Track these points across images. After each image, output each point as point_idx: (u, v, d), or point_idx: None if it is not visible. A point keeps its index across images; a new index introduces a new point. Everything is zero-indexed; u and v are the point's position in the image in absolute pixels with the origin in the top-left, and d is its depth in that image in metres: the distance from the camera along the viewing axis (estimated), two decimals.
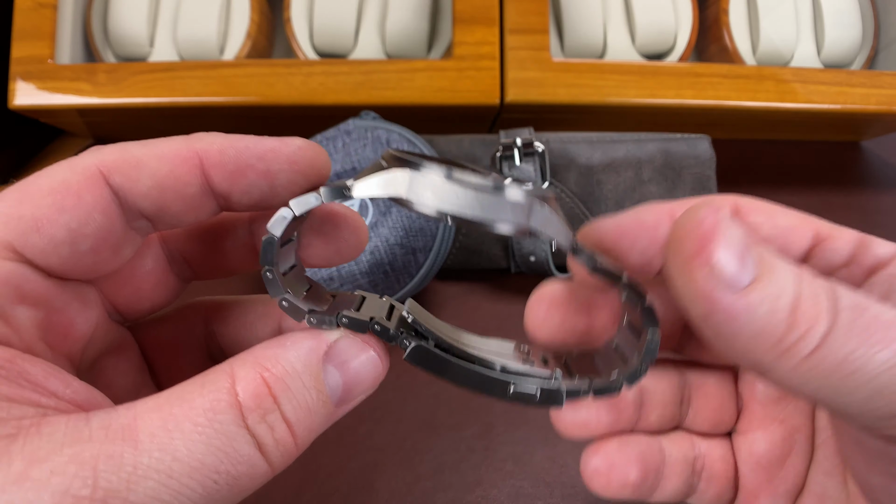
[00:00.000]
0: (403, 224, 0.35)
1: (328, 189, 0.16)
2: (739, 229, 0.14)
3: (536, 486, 0.32)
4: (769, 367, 0.14)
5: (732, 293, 0.14)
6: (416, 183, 0.15)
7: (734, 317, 0.14)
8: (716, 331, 0.14)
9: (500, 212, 0.15)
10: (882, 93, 0.46)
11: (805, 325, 0.14)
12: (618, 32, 0.50)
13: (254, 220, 0.20)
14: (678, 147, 0.41)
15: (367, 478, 0.31)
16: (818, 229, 0.18)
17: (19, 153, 0.54)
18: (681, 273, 0.15)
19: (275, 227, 0.16)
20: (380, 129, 0.38)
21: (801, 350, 0.14)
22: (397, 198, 0.15)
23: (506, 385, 0.17)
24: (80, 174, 0.16)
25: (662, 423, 0.21)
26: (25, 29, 0.44)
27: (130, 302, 0.19)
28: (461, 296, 0.42)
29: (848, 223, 0.19)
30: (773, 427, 0.21)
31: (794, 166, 0.54)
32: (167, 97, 0.44)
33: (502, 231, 0.15)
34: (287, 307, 0.17)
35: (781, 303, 0.14)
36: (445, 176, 0.15)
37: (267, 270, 0.16)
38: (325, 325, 0.17)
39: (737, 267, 0.14)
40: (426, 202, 0.15)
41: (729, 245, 0.14)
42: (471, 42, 0.45)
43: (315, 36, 0.49)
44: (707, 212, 0.14)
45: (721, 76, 0.45)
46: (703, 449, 0.21)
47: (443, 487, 0.31)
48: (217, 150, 0.17)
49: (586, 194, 0.41)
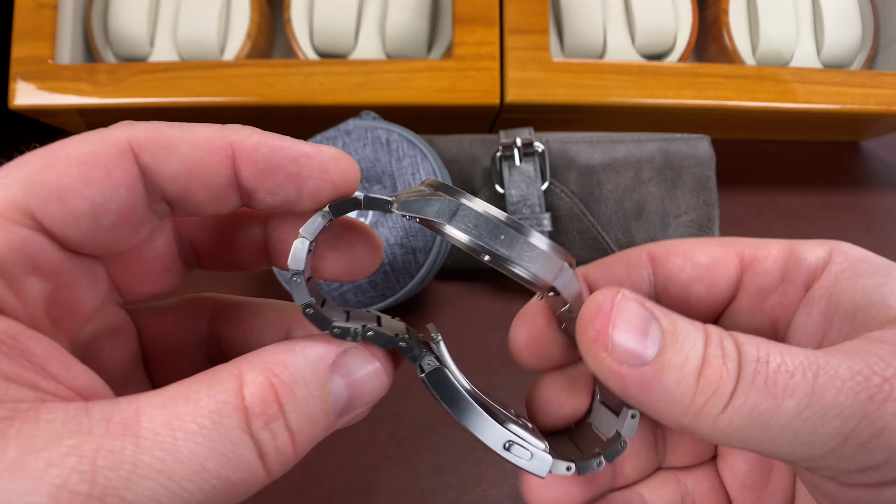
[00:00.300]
0: (403, 224, 0.35)
1: (367, 198, 0.17)
2: (639, 305, 0.15)
3: None
4: (691, 427, 0.15)
5: (639, 368, 0.15)
6: (461, 214, 0.16)
7: (646, 388, 0.15)
8: (635, 401, 0.15)
9: (534, 260, 0.16)
10: (882, 93, 0.46)
11: (711, 387, 0.15)
12: (618, 33, 0.50)
13: (270, 218, 0.20)
14: (678, 147, 0.41)
15: (367, 478, 0.32)
16: (742, 254, 0.19)
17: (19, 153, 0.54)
18: (589, 356, 0.16)
19: (309, 232, 0.16)
20: (380, 129, 0.38)
21: (712, 410, 0.15)
22: (436, 225, 0.16)
23: (502, 435, 0.18)
24: (110, 147, 0.15)
25: (640, 471, 0.21)
26: (26, 29, 0.44)
27: (134, 284, 0.19)
28: (461, 296, 0.42)
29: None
30: None
31: (793, 166, 0.54)
32: (167, 97, 0.44)
33: (523, 276, 0.16)
34: (312, 315, 0.17)
35: (687, 370, 0.15)
36: (483, 210, 0.16)
37: (295, 276, 0.16)
38: (349, 337, 0.17)
39: (638, 344, 0.15)
40: (460, 235, 0.16)
41: (627, 325, 0.15)
42: (471, 42, 0.45)
43: (315, 36, 0.49)
44: (605, 296, 0.15)
45: (721, 76, 0.45)
46: (691, 486, 0.21)
47: (442, 487, 0.31)
48: (251, 146, 0.16)
49: (586, 194, 0.41)
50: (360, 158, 0.38)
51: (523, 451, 0.18)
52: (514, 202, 0.40)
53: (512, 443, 0.18)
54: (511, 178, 0.40)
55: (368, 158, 0.37)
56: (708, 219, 0.41)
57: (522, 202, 0.40)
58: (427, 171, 0.37)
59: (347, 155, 0.18)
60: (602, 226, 0.41)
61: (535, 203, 0.40)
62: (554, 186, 0.41)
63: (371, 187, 0.38)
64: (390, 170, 0.37)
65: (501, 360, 0.38)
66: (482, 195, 0.41)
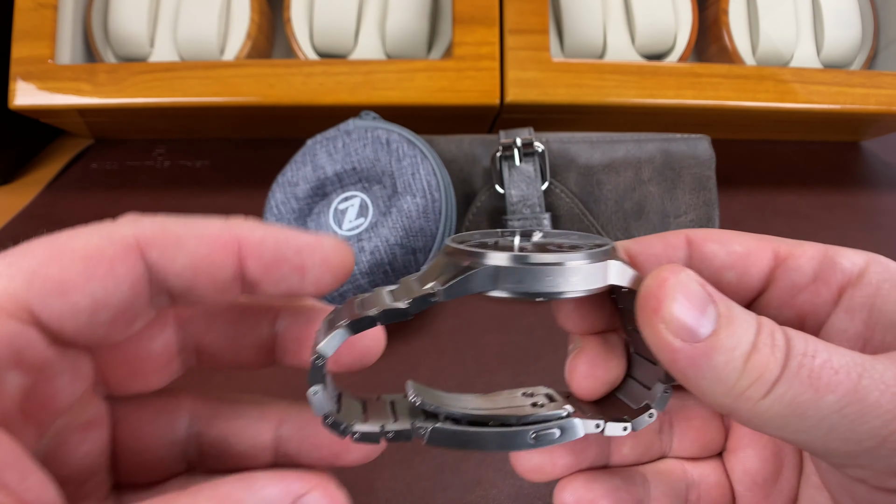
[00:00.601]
0: (403, 224, 0.35)
1: (410, 300, 0.17)
2: (700, 286, 0.16)
3: (536, 485, 0.32)
4: (731, 409, 0.16)
5: (691, 344, 0.15)
6: (502, 276, 0.16)
7: (695, 365, 0.15)
8: (682, 376, 0.16)
9: (584, 280, 0.17)
10: (881, 93, 0.46)
11: (756, 372, 0.15)
12: (618, 33, 0.50)
13: (278, 316, 0.19)
14: (678, 147, 0.41)
15: (367, 477, 0.32)
16: (777, 249, 0.19)
17: (19, 153, 0.54)
18: (646, 326, 0.16)
19: (330, 348, 0.16)
20: (380, 129, 0.38)
21: (754, 394, 0.15)
22: (484, 294, 0.17)
23: (525, 435, 0.18)
24: (117, 243, 0.15)
25: (639, 454, 0.21)
26: (26, 29, 0.44)
27: (125, 378, 0.18)
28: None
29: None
30: (763, 443, 0.21)
31: (793, 166, 0.54)
32: (167, 97, 0.44)
33: (582, 296, 0.17)
34: (331, 424, 0.17)
35: (736, 353, 0.15)
36: (520, 264, 0.16)
37: (315, 392, 0.17)
38: (372, 441, 0.17)
39: (694, 321, 0.15)
40: (510, 294, 0.17)
41: (687, 301, 0.16)
42: (471, 42, 0.45)
43: (315, 36, 0.49)
44: (670, 271, 0.16)
45: (721, 76, 0.45)
46: (697, 476, 0.21)
47: (442, 487, 0.31)
48: (257, 240, 0.17)
49: (586, 194, 0.41)
50: (360, 158, 0.38)
51: (549, 434, 0.18)
52: (514, 202, 0.40)
53: (536, 435, 0.18)
54: (511, 178, 0.40)
55: (368, 158, 0.37)
56: (708, 219, 0.41)
57: (522, 202, 0.40)
58: (427, 171, 0.37)
59: (344, 243, 0.18)
60: (602, 226, 0.41)
61: (535, 203, 0.40)
62: (554, 186, 0.41)
63: (371, 187, 0.38)
64: (390, 170, 0.37)
65: (501, 360, 0.38)
66: (482, 195, 0.41)
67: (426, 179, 0.36)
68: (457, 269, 0.17)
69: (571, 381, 0.21)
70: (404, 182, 0.36)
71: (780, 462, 0.21)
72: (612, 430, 0.19)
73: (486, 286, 0.16)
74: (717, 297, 0.16)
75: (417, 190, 0.36)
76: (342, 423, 0.17)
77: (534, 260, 0.16)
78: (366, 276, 0.35)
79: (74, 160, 0.55)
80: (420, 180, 0.36)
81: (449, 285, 0.16)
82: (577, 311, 0.20)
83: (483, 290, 0.16)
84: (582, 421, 0.19)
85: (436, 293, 0.16)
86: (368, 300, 0.18)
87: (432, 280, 0.17)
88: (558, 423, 0.18)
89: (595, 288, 0.17)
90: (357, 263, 0.35)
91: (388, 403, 0.20)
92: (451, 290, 0.16)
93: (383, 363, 0.38)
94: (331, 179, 0.38)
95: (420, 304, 0.16)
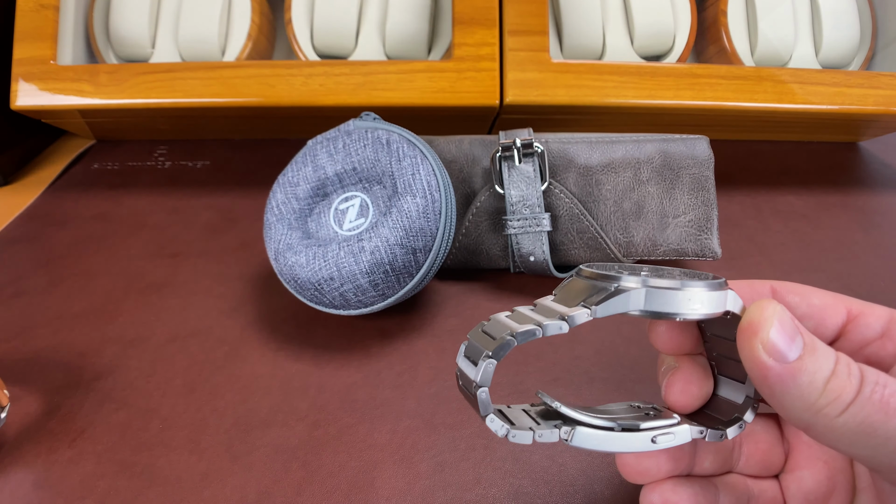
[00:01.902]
0: (403, 224, 0.36)
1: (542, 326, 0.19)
2: (791, 321, 0.19)
3: (536, 484, 0.32)
4: (809, 423, 0.19)
5: (781, 364, 0.18)
6: (650, 298, 0.19)
7: (782, 382, 0.18)
8: (769, 392, 0.19)
9: (713, 302, 0.20)
10: (880, 93, 0.46)
11: (834, 393, 0.18)
12: (617, 34, 0.50)
13: None
14: (677, 148, 0.42)
15: (367, 476, 0.32)
16: (850, 307, 0.23)
17: (21, 153, 0.54)
18: (745, 346, 0.19)
19: (486, 379, 0.19)
20: (380, 129, 0.38)
21: (831, 412, 0.18)
22: (630, 315, 0.19)
23: (647, 437, 0.21)
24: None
25: (715, 468, 0.24)
26: (27, 30, 0.45)
27: None
28: (461, 295, 0.43)
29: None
30: (819, 466, 0.24)
31: (792, 167, 0.54)
32: (168, 98, 0.44)
33: (708, 318, 0.20)
34: (512, 438, 0.20)
35: (818, 376, 0.18)
36: (670, 287, 0.19)
37: (492, 419, 0.20)
38: (518, 440, 0.20)
39: (785, 346, 0.19)
40: (660, 314, 0.19)
41: (781, 329, 0.19)
42: (470, 43, 0.45)
43: (315, 37, 0.49)
44: (771, 305, 0.19)
45: (719, 77, 0.45)
46: (757, 491, 0.24)
47: (442, 486, 0.31)
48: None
49: (585, 194, 0.41)
50: (360, 159, 0.38)
51: (667, 437, 0.21)
52: (513, 202, 0.40)
53: (655, 438, 0.21)
54: (511, 178, 0.40)
55: (369, 159, 0.38)
56: (706, 219, 0.41)
57: (522, 202, 0.40)
58: (427, 172, 0.37)
59: None
60: (601, 226, 0.41)
61: (535, 203, 0.40)
62: (553, 187, 0.41)
63: (371, 187, 0.38)
64: (390, 170, 0.37)
65: (500, 359, 0.39)
66: (482, 195, 0.41)
67: (426, 180, 0.37)
68: (608, 291, 0.19)
69: (668, 396, 0.24)
70: (404, 182, 0.37)
71: (833, 485, 0.23)
72: (711, 436, 0.22)
73: (637, 306, 0.19)
74: (804, 331, 0.19)
75: (417, 190, 0.36)
76: (516, 434, 0.20)
77: (684, 286, 0.19)
78: (366, 275, 0.35)
79: (76, 160, 0.55)
80: (420, 180, 0.36)
81: (604, 304, 0.19)
82: (669, 334, 0.24)
83: (631, 310, 0.19)
84: (689, 427, 0.22)
85: (591, 310, 0.19)
86: (496, 325, 0.21)
87: (576, 301, 0.20)
88: (672, 429, 0.21)
89: (717, 312, 0.20)
90: (357, 263, 0.35)
91: (522, 410, 0.23)
92: (606, 308, 0.19)
93: (384, 363, 0.38)
94: (331, 179, 0.38)
95: (574, 321, 0.19)
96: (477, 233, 0.42)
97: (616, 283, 0.19)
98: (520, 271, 0.42)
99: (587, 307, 0.19)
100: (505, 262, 0.43)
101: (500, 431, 0.20)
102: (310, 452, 0.33)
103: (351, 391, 0.36)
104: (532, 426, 0.21)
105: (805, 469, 0.24)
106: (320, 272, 0.36)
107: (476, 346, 0.20)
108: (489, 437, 0.34)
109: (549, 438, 0.20)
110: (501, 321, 0.21)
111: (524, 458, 0.33)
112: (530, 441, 0.20)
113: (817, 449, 0.24)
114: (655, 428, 0.21)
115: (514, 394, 0.37)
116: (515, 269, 0.42)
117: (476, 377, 0.19)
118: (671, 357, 0.24)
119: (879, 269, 0.45)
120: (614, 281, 0.19)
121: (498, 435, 0.20)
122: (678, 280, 0.20)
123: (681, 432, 0.22)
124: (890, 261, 0.46)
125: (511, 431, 0.20)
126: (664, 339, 0.24)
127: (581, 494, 0.31)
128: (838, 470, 0.24)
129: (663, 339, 0.24)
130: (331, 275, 0.36)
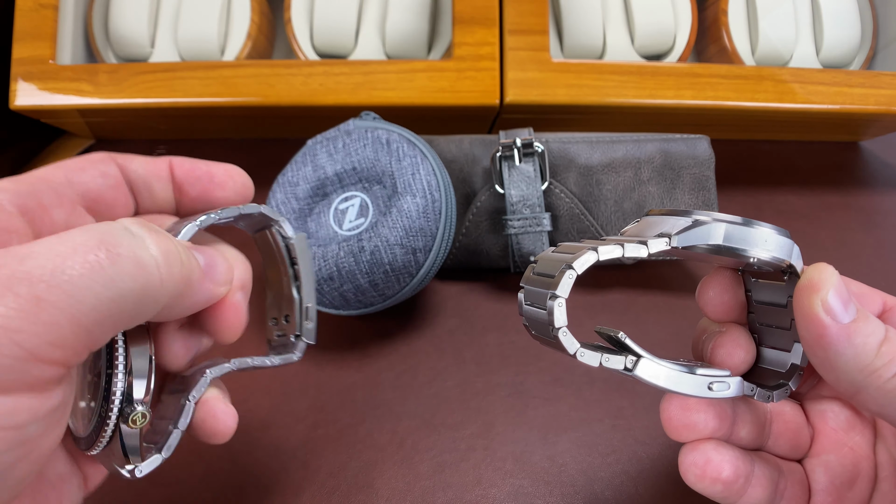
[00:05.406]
0: (403, 224, 0.35)
1: None
2: (846, 289, 0.20)
3: (536, 485, 0.32)
4: (861, 386, 0.19)
5: (837, 324, 0.19)
6: (729, 233, 0.20)
7: (837, 341, 0.19)
8: (823, 352, 0.20)
9: (781, 247, 0.21)
10: (881, 93, 0.46)
11: (888, 356, 0.19)
12: (617, 33, 0.50)
13: None
14: (677, 147, 0.42)
15: (367, 477, 0.32)
16: (885, 300, 0.24)
17: (20, 153, 0.54)
18: (803, 305, 0.20)
19: (563, 289, 0.19)
20: (380, 129, 0.38)
21: (885, 373, 0.19)
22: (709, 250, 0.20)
23: (705, 382, 0.22)
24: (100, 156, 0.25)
25: (749, 440, 0.25)
26: (26, 30, 0.45)
27: None
28: (461, 295, 0.43)
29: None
30: (845, 451, 0.24)
31: (792, 166, 0.54)
32: (168, 97, 0.44)
33: (771, 262, 0.21)
34: (584, 357, 0.20)
35: (872, 339, 0.19)
36: (744, 223, 0.20)
37: (565, 333, 0.20)
38: (586, 360, 0.20)
39: (841, 308, 0.19)
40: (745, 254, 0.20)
41: (838, 292, 0.20)
42: (471, 43, 0.45)
43: (315, 36, 0.49)
44: (829, 269, 0.20)
45: (720, 77, 0.45)
46: (786, 470, 0.24)
47: (442, 486, 0.31)
48: (180, 160, 0.26)
49: (585, 194, 0.41)
50: (360, 158, 0.38)
51: (722, 385, 0.22)
52: (513, 202, 0.40)
53: (711, 384, 0.22)
54: (511, 178, 0.40)
55: (368, 158, 0.38)
56: None
57: (522, 202, 0.40)
58: (427, 171, 0.37)
59: (243, 172, 0.27)
60: (601, 226, 0.41)
61: (535, 203, 0.40)
62: (553, 186, 0.41)
63: (371, 187, 0.38)
64: (390, 170, 0.37)
65: (501, 359, 0.39)
66: (482, 195, 0.41)
67: (426, 179, 0.36)
68: (688, 223, 0.20)
69: (714, 357, 0.24)
70: (404, 182, 0.36)
71: (857, 472, 0.24)
72: (760, 395, 0.22)
73: (716, 239, 0.19)
74: (855, 300, 0.20)
75: (417, 190, 0.36)
76: (585, 353, 0.20)
77: (757, 225, 0.20)
78: (366, 275, 0.35)
79: None
80: (420, 180, 0.36)
81: (684, 234, 0.19)
82: (720, 297, 0.25)
83: (706, 243, 0.19)
84: (742, 381, 0.22)
85: (670, 239, 0.19)
86: (547, 263, 0.21)
87: (652, 233, 0.20)
88: (727, 380, 0.22)
89: (783, 259, 0.21)
90: (357, 263, 0.35)
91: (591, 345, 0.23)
92: (686, 238, 0.19)
93: (384, 363, 0.38)
94: (331, 179, 0.38)
95: (653, 247, 0.19)
96: (477, 233, 0.42)
97: (695, 216, 0.20)
98: (520, 271, 0.42)
99: (664, 237, 0.19)
100: (505, 262, 0.42)
101: (570, 348, 0.20)
102: (310, 452, 0.33)
103: (351, 391, 0.36)
104: (601, 353, 0.21)
105: (831, 453, 0.24)
106: (320, 272, 0.36)
107: (536, 291, 0.21)
108: (489, 438, 0.34)
109: (615, 364, 0.21)
110: (551, 257, 0.21)
111: (525, 459, 0.33)
112: (597, 363, 0.20)
113: (843, 434, 0.25)
114: (711, 376, 0.22)
115: (515, 394, 0.37)
116: (515, 269, 0.42)
117: (552, 321, 0.20)
118: (715, 324, 0.25)
119: (880, 269, 0.45)
120: (691, 215, 0.20)
121: (568, 352, 0.20)
122: (760, 222, 0.20)
123: (735, 384, 0.22)
124: (891, 261, 0.46)
125: (580, 350, 0.20)
126: (715, 304, 0.25)
127: (581, 494, 0.31)
128: (863, 457, 0.24)
129: (714, 304, 0.25)
130: (330, 275, 0.36)
